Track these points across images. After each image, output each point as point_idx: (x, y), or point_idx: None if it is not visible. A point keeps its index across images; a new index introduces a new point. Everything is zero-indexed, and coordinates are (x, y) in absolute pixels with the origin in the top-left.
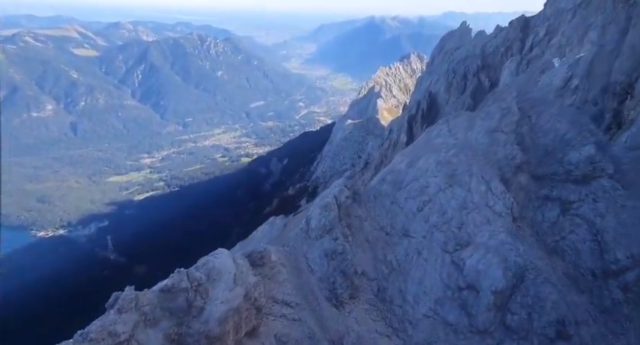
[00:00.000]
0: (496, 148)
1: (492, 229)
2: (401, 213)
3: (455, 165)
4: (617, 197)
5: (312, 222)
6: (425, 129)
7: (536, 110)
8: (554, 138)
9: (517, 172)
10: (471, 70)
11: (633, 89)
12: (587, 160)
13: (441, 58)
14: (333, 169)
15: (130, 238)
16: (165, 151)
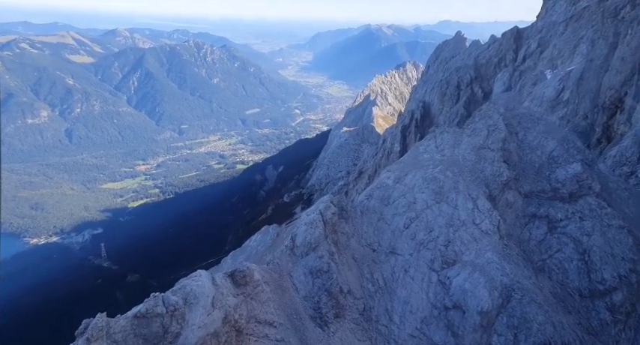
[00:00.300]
0: (483, 165)
1: (479, 248)
2: (388, 230)
3: (442, 181)
4: (604, 216)
5: (297, 239)
6: (418, 139)
7: (523, 127)
8: (541, 155)
9: (504, 189)
10: (465, 81)
11: (623, 103)
12: (574, 178)
13: (436, 67)
14: (328, 177)
15: (124, 246)
16: (161, 158)
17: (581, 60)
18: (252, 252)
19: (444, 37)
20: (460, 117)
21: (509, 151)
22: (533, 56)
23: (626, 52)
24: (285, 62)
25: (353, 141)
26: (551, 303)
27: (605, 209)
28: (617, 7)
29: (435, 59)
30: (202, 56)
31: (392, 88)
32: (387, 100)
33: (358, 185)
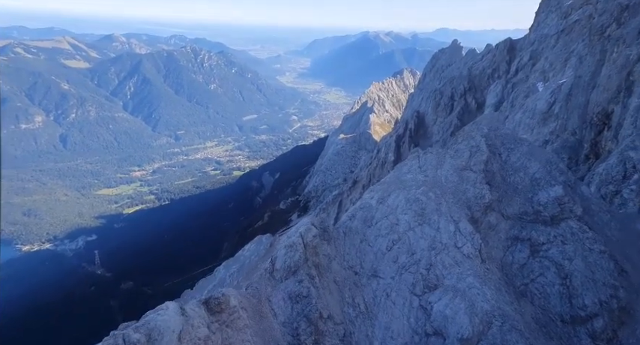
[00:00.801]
0: (465, 186)
1: (460, 272)
2: (370, 252)
3: (424, 203)
4: (585, 240)
5: (276, 262)
6: (412, 149)
7: (506, 148)
8: (524, 177)
9: (486, 211)
10: (458, 91)
11: (610, 120)
12: (555, 201)
13: (432, 75)
14: (325, 184)
15: (118, 253)
16: (157, 163)
17: (571, 74)
18: (245, 262)
19: (441, 45)
20: (454, 127)
21: (493, 172)
22: (526, 68)
23: (613, 69)
24: (283, 68)
25: (350, 148)
26: (532, 329)
27: (586, 233)
28: (604, 26)
29: (432, 67)
30: (199, 62)
31: (389, 95)
32: (385, 107)
33: (353, 195)
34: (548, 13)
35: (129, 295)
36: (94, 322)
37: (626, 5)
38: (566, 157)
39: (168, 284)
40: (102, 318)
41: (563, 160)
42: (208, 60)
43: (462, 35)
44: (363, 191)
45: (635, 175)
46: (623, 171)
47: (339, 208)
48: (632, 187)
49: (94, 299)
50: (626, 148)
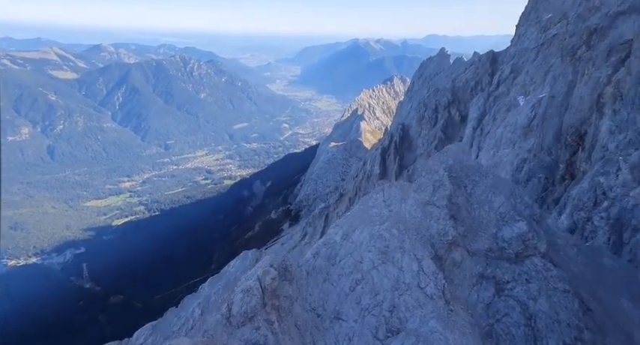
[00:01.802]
0: (429, 222)
1: (423, 314)
2: (334, 292)
3: (387, 240)
4: (550, 278)
5: (233, 307)
6: (398, 161)
7: (471, 180)
8: (489, 211)
9: (451, 247)
10: (442, 104)
11: (584, 141)
12: (520, 237)
13: (421, 83)
14: (316, 192)
15: (107, 266)
16: (146, 174)
17: (547, 92)
18: (230, 278)
19: (430, 51)
20: (438, 140)
21: (458, 205)
22: (507, 82)
23: (584, 91)
24: (274, 76)
25: (341, 156)
26: None
27: (550, 271)
28: (574, 47)
29: (420, 76)
30: (189, 71)
31: (380, 102)
32: (375, 115)
33: (339, 208)
34: (527, 26)
35: (118, 309)
36: (81, 338)
37: (594, 28)
38: (543, 177)
39: (158, 297)
40: (90, 333)
41: (540, 179)
42: (198, 69)
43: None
44: (349, 204)
45: (605, 203)
46: (593, 197)
47: (326, 222)
48: (602, 214)
49: (82, 314)
50: (596, 174)
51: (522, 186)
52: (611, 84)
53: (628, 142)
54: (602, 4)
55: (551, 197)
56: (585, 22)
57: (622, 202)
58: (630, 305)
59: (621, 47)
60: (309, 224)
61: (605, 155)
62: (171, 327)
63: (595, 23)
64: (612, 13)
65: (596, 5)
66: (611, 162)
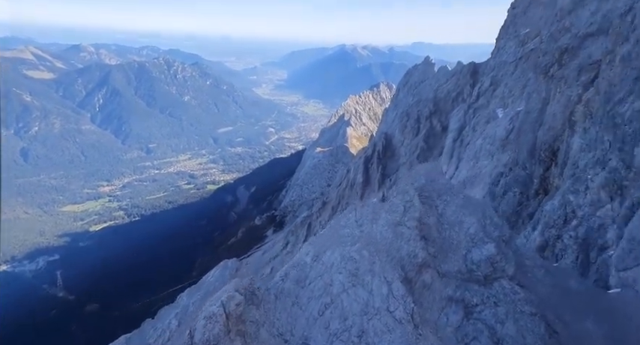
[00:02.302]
0: (400, 243)
1: (391, 340)
2: (302, 316)
3: (358, 262)
4: (517, 301)
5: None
6: (380, 170)
7: (443, 200)
8: (459, 231)
9: (421, 269)
10: (424, 114)
11: (556, 157)
12: (488, 259)
13: (406, 91)
14: (302, 198)
15: (83, 273)
16: (127, 178)
17: (522, 108)
18: (209, 288)
19: (417, 58)
20: (420, 150)
21: (429, 225)
22: (487, 94)
23: (557, 108)
24: (260, 80)
25: (327, 161)
26: None
27: (518, 294)
28: (547, 65)
29: (405, 83)
30: (173, 73)
31: (366, 108)
32: (362, 120)
33: (322, 217)
34: (507, 40)
35: (93, 319)
36: None
37: (565, 48)
38: (518, 191)
39: (136, 305)
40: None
41: (515, 194)
42: (182, 71)
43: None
44: (332, 213)
45: (574, 221)
46: (563, 215)
47: (308, 231)
48: (571, 233)
49: (54, 324)
50: (567, 191)
51: (499, 199)
52: (581, 103)
53: (596, 161)
54: (572, 25)
55: (526, 211)
56: (557, 42)
57: (589, 222)
58: (595, 328)
59: (590, 67)
60: (291, 233)
61: (575, 173)
62: (147, 339)
63: (566, 43)
64: (582, 34)
65: (566, 26)
66: (580, 180)
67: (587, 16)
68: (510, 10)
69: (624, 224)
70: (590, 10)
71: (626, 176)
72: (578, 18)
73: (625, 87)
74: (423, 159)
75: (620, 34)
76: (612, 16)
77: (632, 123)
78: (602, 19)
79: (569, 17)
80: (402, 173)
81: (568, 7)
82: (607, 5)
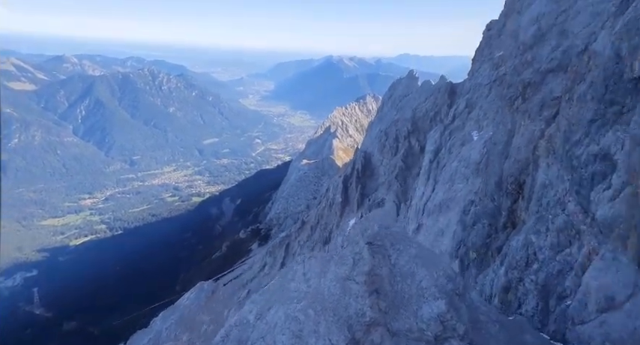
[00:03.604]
0: (348, 300)
1: None
2: None
3: (302, 323)
4: None
5: None
6: (360, 190)
7: (396, 249)
8: (411, 284)
9: (369, 329)
10: (402, 134)
11: (523, 190)
12: (438, 318)
13: (390, 105)
14: (287, 211)
15: (61, 289)
16: (109, 191)
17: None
18: (184, 311)
19: (403, 70)
20: (398, 170)
21: (382, 277)
22: (462, 116)
23: (522, 142)
24: (246, 91)
25: (313, 174)
26: None
27: None
28: (512, 97)
29: (390, 97)
30: (158, 85)
31: (352, 120)
32: (348, 132)
33: (300, 237)
34: (482, 62)
35: (72, 337)
36: None
37: (528, 82)
38: (487, 223)
39: (117, 323)
40: None
41: (484, 225)
42: (167, 82)
43: (423, 60)
44: (311, 232)
45: (535, 265)
46: (525, 256)
47: (286, 252)
48: (532, 277)
49: (29, 343)
50: (529, 230)
51: (469, 230)
52: (544, 138)
53: (557, 200)
54: (534, 60)
55: (495, 244)
56: (520, 76)
57: (549, 267)
58: None
59: (552, 103)
60: (269, 254)
61: (539, 210)
62: None
63: (528, 78)
64: (543, 70)
65: (528, 60)
66: (542, 220)
67: (548, 51)
68: (486, 31)
69: (582, 273)
70: (551, 45)
71: (583, 221)
72: (539, 53)
73: (581, 128)
74: (402, 179)
75: (578, 73)
76: (571, 52)
77: (588, 167)
78: (562, 55)
79: (531, 51)
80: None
81: (529, 42)
82: (567, 41)
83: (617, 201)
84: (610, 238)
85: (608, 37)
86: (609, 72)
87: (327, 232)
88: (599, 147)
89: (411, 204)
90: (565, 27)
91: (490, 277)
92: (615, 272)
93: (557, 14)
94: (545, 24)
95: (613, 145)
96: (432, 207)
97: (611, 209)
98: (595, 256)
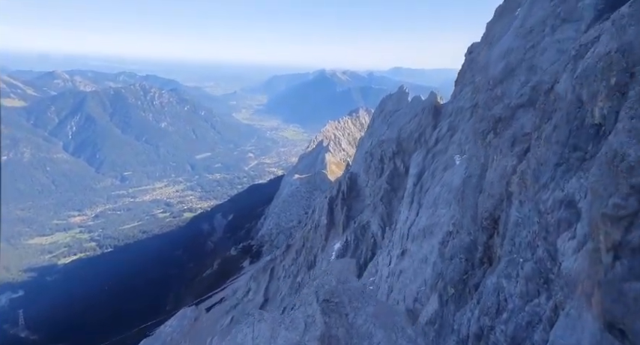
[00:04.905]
0: None
1: None
2: None
3: None
4: None
5: None
6: (345, 212)
7: (353, 307)
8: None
9: None
10: (387, 155)
11: (498, 226)
12: None
13: (380, 120)
14: (279, 227)
15: (48, 311)
16: (99, 207)
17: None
18: (166, 339)
19: (395, 83)
20: (384, 191)
21: (338, 338)
22: (445, 139)
23: (494, 177)
24: (239, 105)
25: (305, 188)
26: None
27: None
28: (484, 131)
29: (380, 112)
30: (149, 100)
31: (345, 133)
32: (341, 146)
33: (285, 260)
34: (463, 85)
35: None
36: None
37: (499, 117)
38: (464, 258)
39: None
40: None
41: (461, 260)
42: (159, 97)
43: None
44: (296, 256)
45: (505, 314)
46: (496, 303)
47: (271, 277)
48: (502, 327)
49: None
50: (501, 274)
51: (447, 263)
52: (516, 174)
53: (528, 243)
54: (504, 95)
55: (471, 282)
56: (491, 110)
57: (518, 317)
58: None
59: (523, 139)
60: (253, 279)
61: (512, 250)
62: None
63: (499, 113)
64: (513, 105)
65: (498, 95)
66: (513, 263)
67: (517, 86)
68: (467, 54)
69: (549, 327)
70: (520, 80)
71: (551, 269)
72: (509, 88)
73: (548, 171)
74: (387, 201)
75: (546, 111)
76: (540, 89)
77: (554, 212)
78: (531, 91)
79: (501, 86)
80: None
81: (499, 76)
82: (535, 77)
83: (580, 254)
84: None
85: (570, 80)
86: (572, 116)
87: (312, 255)
88: (563, 193)
89: (396, 228)
90: (533, 62)
91: (467, 317)
92: (581, 332)
93: (526, 50)
94: (515, 59)
95: (577, 193)
96: (416, 232)
97: (575, 262)
98: (562, 311)
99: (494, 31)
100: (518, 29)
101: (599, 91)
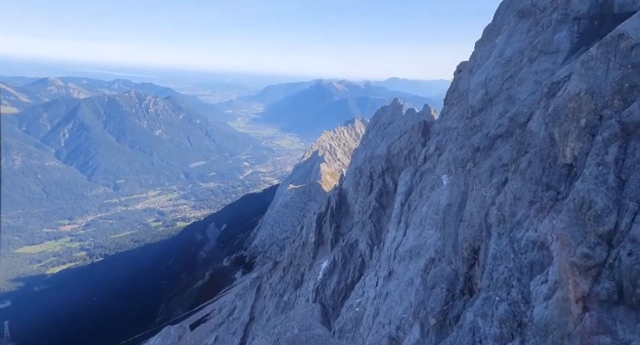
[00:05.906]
0: None
1: None
2: None
3: None
4: None
5: None
6: (334, 229)
7: None
8: None
9: None
10: (377, 172)
11: (478, 256)
12: None
13: (375, 132)
14: (272, 237)
15: (35, 322)
16: (91, 216)
17: (445, 201)
18: None
19: (392, 94)
20: (372, 209)
21: None
22: (432, 158)
23: (474, 207)
24: (235, 114)
25: (299, 199)
26: None
27: None
28: (464, 160)
29: (375, 124)
30: (144, 107)
31: (341, 143)
32: (336, 156)
33: (272, 278)
34: (451, 105)
35: None
36: None
37: (478, 147)
38: (445, 288)
39: None
40: None
41: (442, 289)
42: (154, 105)
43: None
44: (283, 274)
45: None
46: (472, 343)
47: (257, 295)
48: None
49: None
50: (477, 312)
51: (428, 292)
52: (495, 205)
53: (504, 280)
54: (483, 125)
55: (452, 313)
56: (470, 139)
57: None
58: None
59: (502, 169)
60: (239, 297)
61: (490, 285)
62: None
63: (477, 142)
64: (492, 135)
65: (477, 124)
66: (489, 301)
67: (496, 116)
68: (456, 73)
69: None
70: (499, 110)
71: (524, 313)
72: (488, 117)
73: (521, 209)
74: (376, 219)
75: (523, 144)
76: (518, 120)
77: (527, 254)
78: (509, 122)
79: (480, 116)
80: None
81: (478, 106)
82: (514, 108)
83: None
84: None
85: (542, 117)
86: (545, 153)
87: (300, 274)
88: (536, 234)
89: (383, 248)
90: (511, 93)
91: None
92: None
93: (504, 79)
94: (493, 88)
95: (549, 235)
96: (403, 253)
97: (545, 310)
98: None
99: (480, 52)
100: (498, 58)
101: (570, 132)
